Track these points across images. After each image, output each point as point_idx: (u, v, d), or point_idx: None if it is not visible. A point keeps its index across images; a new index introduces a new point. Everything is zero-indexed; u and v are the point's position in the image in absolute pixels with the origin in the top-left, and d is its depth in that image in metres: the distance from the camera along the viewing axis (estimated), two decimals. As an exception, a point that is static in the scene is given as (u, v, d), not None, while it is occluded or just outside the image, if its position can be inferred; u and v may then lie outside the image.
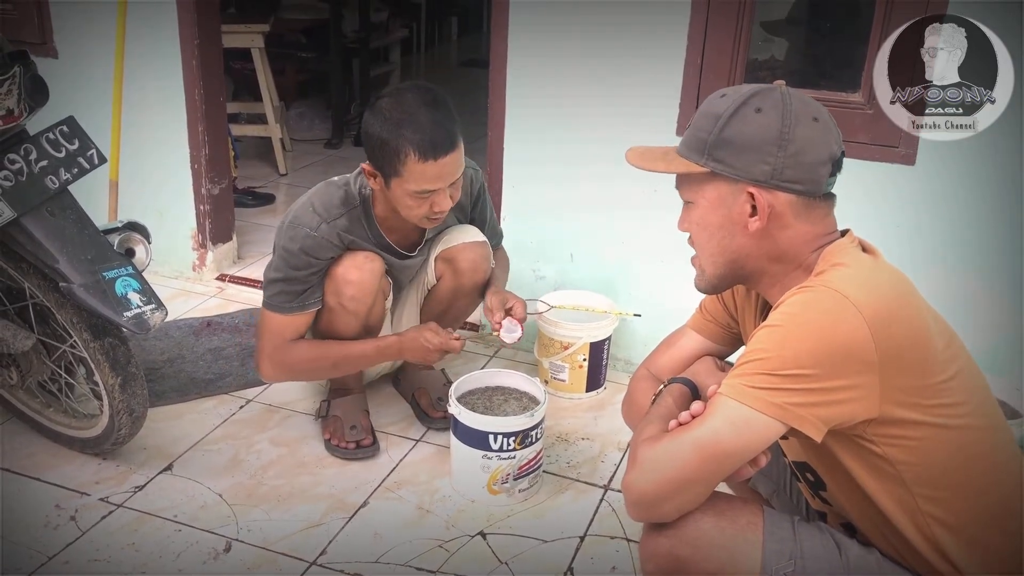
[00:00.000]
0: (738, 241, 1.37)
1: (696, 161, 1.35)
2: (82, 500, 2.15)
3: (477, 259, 2.33)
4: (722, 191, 1.35)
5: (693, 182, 1.38)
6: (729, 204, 1.35)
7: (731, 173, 1.33)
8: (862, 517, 1.40)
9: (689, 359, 1.63)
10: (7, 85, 1.93)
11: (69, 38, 3.14)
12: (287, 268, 2.15)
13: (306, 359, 2.26)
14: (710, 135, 1.34)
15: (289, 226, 2.15)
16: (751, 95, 1.33)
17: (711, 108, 1.36)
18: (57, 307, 2.07)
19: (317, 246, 2.13)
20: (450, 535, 2.09)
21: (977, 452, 1.34)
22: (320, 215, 2.14)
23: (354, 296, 2.19)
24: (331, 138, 5.06)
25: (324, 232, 2.13)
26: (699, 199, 1.38)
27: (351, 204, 2.18)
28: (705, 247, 1.41)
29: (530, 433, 2.16)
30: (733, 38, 2.38)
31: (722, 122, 1.33)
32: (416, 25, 7.52)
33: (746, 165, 1.32)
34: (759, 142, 1.31)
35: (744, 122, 1.32)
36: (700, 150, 1.35)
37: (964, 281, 2.34)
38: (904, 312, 1.28)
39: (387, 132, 1.99)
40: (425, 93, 2.02)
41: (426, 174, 2.00)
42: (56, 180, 2.03)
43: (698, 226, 1.40)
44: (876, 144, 2.31)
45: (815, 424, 1.24)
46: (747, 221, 1.34)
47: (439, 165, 2.00)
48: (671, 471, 1.27)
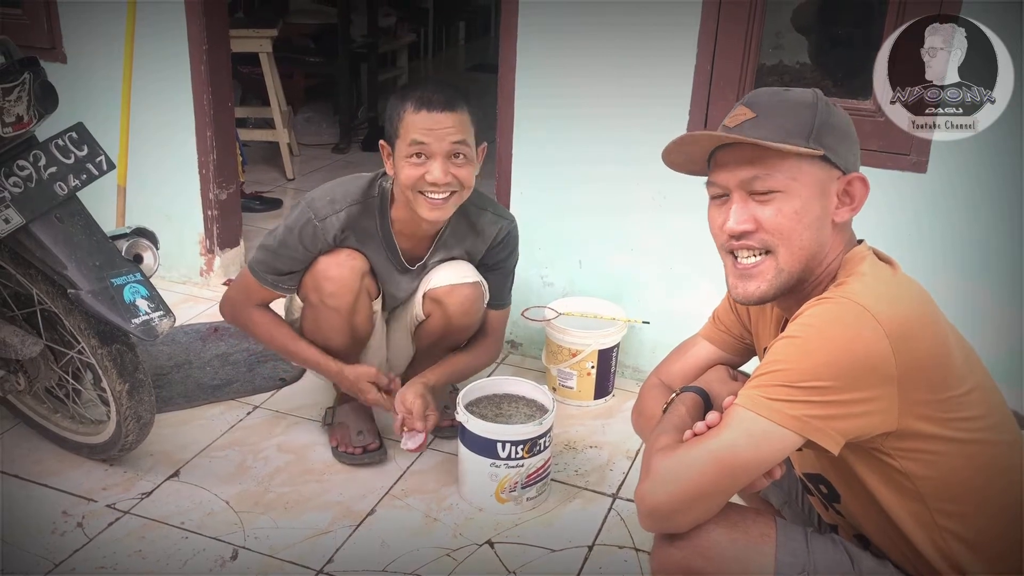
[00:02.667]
0: (824, 233, 1.33)
1: (801, 145, 1.29)
2: (89, 506, 2.14)
3: (466, 302, 2.27)
4: (821, 177, 1.32)
5: (787, 168, 1.30)
6: (826, 192, 1.32)
7: (837, 159, 1.32)
8: (877, 530, 1.39)
9: (701, 368, 1.62)
10: (17, 92, 1.93)
11: (78, 43, 3.14)
12: (280, 243, 2.20)
13: (257, 331, 2.33)
14: (814, 118, 1.30)
15: (304, 206, 2.18)
16: (818, 91, 1.35)
17: (792, 97, 1.33)
18: (65, 313, 2.07)
19: (314, 236, 2.16)
20: (458, 544, 2.08)
21: (997, 468, 1.32)
22: (334, 204, 2.17)
23: (333, 292, 2.18)
24: (339, 143, 5.06)
25: (326, 226, 2.16)
26: (797, 186, 1.30)
27: (370, 195, 2.20)
28: (796, 240, 1.31)
29: (538, 441, 2.15)
30: (744, 42, 2.37)
31: (822, 108, 1.32)
32: (424, 30, 7.53)
33: (845, 153, 1.33)
34: (850, 133, 1.35)
35: (836, 113, 1.33)
36: (804, 134, 1.30)
37: (976, 290, 2.32)
38: (924, 325, 1.27)
39: (396, 98, 2.10)
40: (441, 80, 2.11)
41: (417, 124, 2.04)
42: (65, 186, 2.02)
43: (795, 216, 1.30)
44: (887, 152, 2.30)
45: (833, 437, 1.23)
46: (834, 212, 1.33)
47: (432, 118, 2.03)
48: (687, 482, 1.26)
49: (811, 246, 1.33)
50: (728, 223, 1.34)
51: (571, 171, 2.68)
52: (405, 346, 2.45)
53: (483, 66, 7.19)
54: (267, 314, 2.34)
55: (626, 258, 2.71)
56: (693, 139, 1.37)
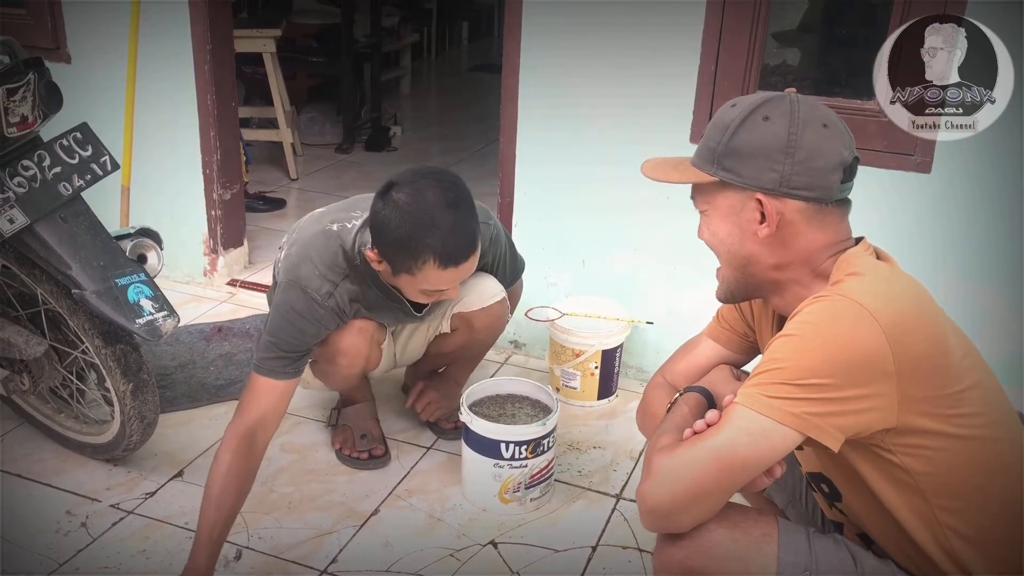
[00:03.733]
0: (748, 248, 1.37)
1: (707, 171, 1.37)
2: (93, 506, 2.15)
3: (495, 321, 2.29)
4: (732, 200, 1.36)
5: (706, 192, 1.40)
6: (738, 212, 1.36)
7: (739, 182, 1.34)
8: (879, 528, 1.39)
9: (705, 367, 1.62)
10: (22, 92, 1.93)
11: (82, 44, 3.14)
12: (291, 330, 1.96)
13: (210, 478, 1.86)
14: (719, 144, 1.35)
15: (293, 286, 1.98)
16: (759, 104, 1.34)
17: (721, 118, 1.37)
18: (69, 313, 2.08)
19: (327, 317, 2.00)
20: (461, 544, 2.08)
21: (998, 465, 1.32)
22: (328, 278, 1.99)
23: (349, 364, 2.17)
24: (342, 143, 5.06)
25: (333, 304, 2.00)
26: (711, 208, 1.40)
27: (352, 262, 2.02)
28: (720, 254, 1.43)
29: (542, 442, 2.15)
30: (747, 43, 2.37)
31: (730, 131, 1.34)
32: (427, 30, 7.52)
33: (754, 173, 1.33)
34: (766, 150, 1.31)
35: (752, 130, 1.33)
36: (710, 160, 1.36)
37: (980, 290, 2.32)
38: (921, 321, 1.27)
39: (406, 234, 1.84)
40: (447, 190, 1.86)
41: (443, 278, 1.91)
42: (69, 186, 2.03)
43: (711, 235, 1.41)
44: (891, 152, 2.29)
45: (832, 434, 1.23)
46: (756, 229, 1.35)
47: (459, 271, 1.91)
48: (687, 481, 1.26)
49: (732, 260, 1.41)
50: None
51: (574, 171, 2.68)
52: (417, 349, 2.44)
53: (486, 66, 7.18)
54: (237, 462, 1.85)
55: (630, 258, 2.71)
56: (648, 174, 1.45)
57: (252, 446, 1.87)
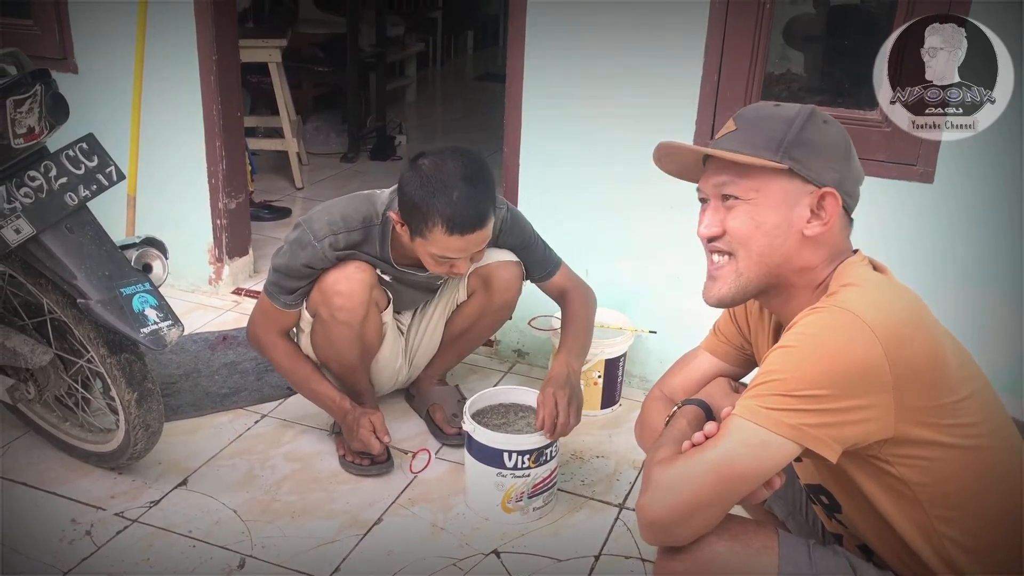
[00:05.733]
0: (788, 244, 1.35)
1: (768, 158, 1.33)
2: (97, 515, 2.15)
3: (511, 278, 2.37)
4: (788, 190, 1.34)
5: (757, 179, 1.34)
6: (792, 204, 1.34)
7: (808, 174, 1.33)
8: (878, 539, 1.39)
9: (703, 380, 1.62)
10: (29, 103, 1.95)
11: (89, 54, 3.16)
12: (287, 264, 2.21)
13: (278, 362, 2.36)
14: (786, 135, 1.33)
15: (303, 228, 2.19)
16: (813, 108, 1.37)
17: (777, 112, 1.37)
18: (75, 323, 2.09)
19: (315, 257, 2.17)
20: (464, 553, 2.08)
21: (995, 474, 1.33)
22: (333, 227, 2.16)
23: (343, 306, 2.19)
24: (347, 152, 5.08)
25: (323, 248, 2.15)
26: (759, 196, 1.34)
27: (371, 222, 2.20)
28: (753, 247, 1.36)
29: (545, 451, 2.15)
30: (751, 48, 2.37)
31: (798, 124, 1.34)
32: (432, 39, 7.55)
33: (821, 169, 1.34)
34: (833, 149, 1.35)
35: (818, 128, 1.35)
36: (774, 148, 1.33)
37: (983, 301, 2.32)
38: (917, 332, 1.28)
39: (420, 196, 2.01)
40: (468, 164, 2.03)
41: (450, 246, 2.04)
42: (75, 197, 2.04)
43: (753, 223, 1.35)
44: (894, 162, 2.30)
45: (830, 445, 1.23)
46: (804, 225, 1.34)
47: (465, 240, 2.03)
48: (685, 494, 1.27)
49: (770, 254, 1.36)
50: (701, 226, 1.40)
51: (578, 181, 2.69)
52: (433, 336, 2.46)
53: (491, 75, 7.20)
54: (288, 343, 2.36)
55: (633, 267, 2.71)
56: (672, 148, 1.43)
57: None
